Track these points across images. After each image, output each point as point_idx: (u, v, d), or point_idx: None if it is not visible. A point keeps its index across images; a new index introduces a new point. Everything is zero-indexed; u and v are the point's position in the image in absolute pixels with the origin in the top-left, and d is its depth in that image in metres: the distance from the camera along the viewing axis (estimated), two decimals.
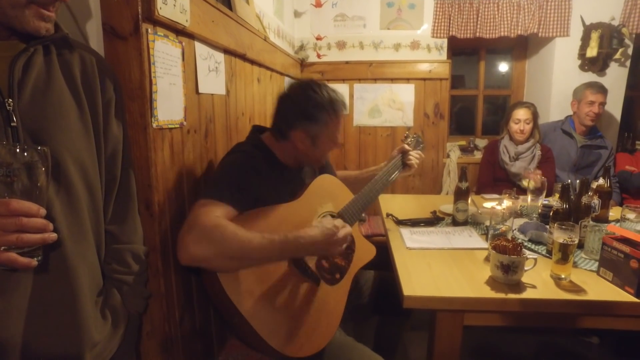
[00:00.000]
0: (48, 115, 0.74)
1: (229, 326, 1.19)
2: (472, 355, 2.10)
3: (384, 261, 1.50)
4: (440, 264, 1.36)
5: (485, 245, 1.50)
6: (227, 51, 1.56)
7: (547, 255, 1.40)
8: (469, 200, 1.78)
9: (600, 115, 2.59)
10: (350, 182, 1.63)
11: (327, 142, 1.34)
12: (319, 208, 1.35)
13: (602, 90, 2.57)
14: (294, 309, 1.16)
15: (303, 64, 3.09)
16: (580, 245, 1.43)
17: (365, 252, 1.49)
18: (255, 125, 1.46)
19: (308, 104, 1.28)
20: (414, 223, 1.78)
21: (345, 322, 1.36)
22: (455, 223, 1.78)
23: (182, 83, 1.21)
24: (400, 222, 1.79)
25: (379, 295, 1.62)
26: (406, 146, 1.72)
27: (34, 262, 0.65)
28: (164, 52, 1.10)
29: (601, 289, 1.18)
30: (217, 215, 1.06)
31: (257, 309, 1.07)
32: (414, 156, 1.69)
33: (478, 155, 3.13)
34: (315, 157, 1.38)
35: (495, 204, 1.84)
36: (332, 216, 1.38)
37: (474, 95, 3.51)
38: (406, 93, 3.09)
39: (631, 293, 1.13)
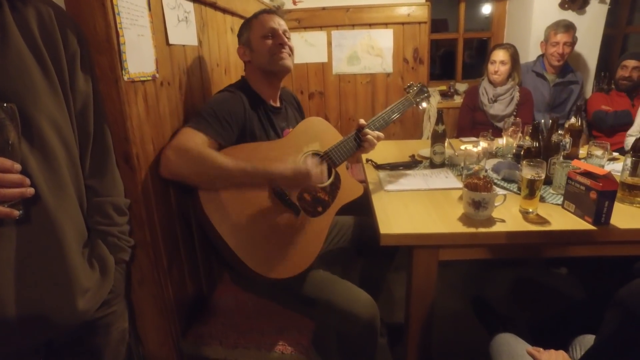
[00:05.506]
0: (10, 74, 0.72)
1: (215, 251, 1.26)
2: (450, 290, 2.23)
3: (365, 206, 1.55)
4: (416, 204, 1.41)
5: (461, 185, 1.55)
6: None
7: (519, 192, 1.45)
8: (446, 143, 1.83)
9: (565, 54, 2.59)
10: None
11: (259, 41, 1.40)
12: (304, 147, 1.42)
13: (566, 29, 2.55)
14: (273, 234, 1.25)
15: None
16: (550, 182, 1.50)
17: (351, 190, 1.54)
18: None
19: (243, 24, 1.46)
20: (392, 167, 1.82)
21: (331, 265, 1.43)
22: (432, 165, 1.83)
23: (150, 34, 1.18)
24: (380, 167, 1.84)
25: (361, 238, 1.68)
26: (362, 121, 1.55)
27: (16, 212, 0.68)
28: (129, 2, 1.06)
29: (564, 220, 1.26)
30: (197, 142, 1.17)
31: (235, 231, 1.17)
32: (372, 135, 1.53)
33: (458, 100, 3.14)
34: (262, 62, 1.41)
35: (471, 146, 1.89)
36: (317, 154, 1.43)
37: (454, 39, 3.46)
38: (385, 39, 3.03)
39: (589, 222, 1.21)
